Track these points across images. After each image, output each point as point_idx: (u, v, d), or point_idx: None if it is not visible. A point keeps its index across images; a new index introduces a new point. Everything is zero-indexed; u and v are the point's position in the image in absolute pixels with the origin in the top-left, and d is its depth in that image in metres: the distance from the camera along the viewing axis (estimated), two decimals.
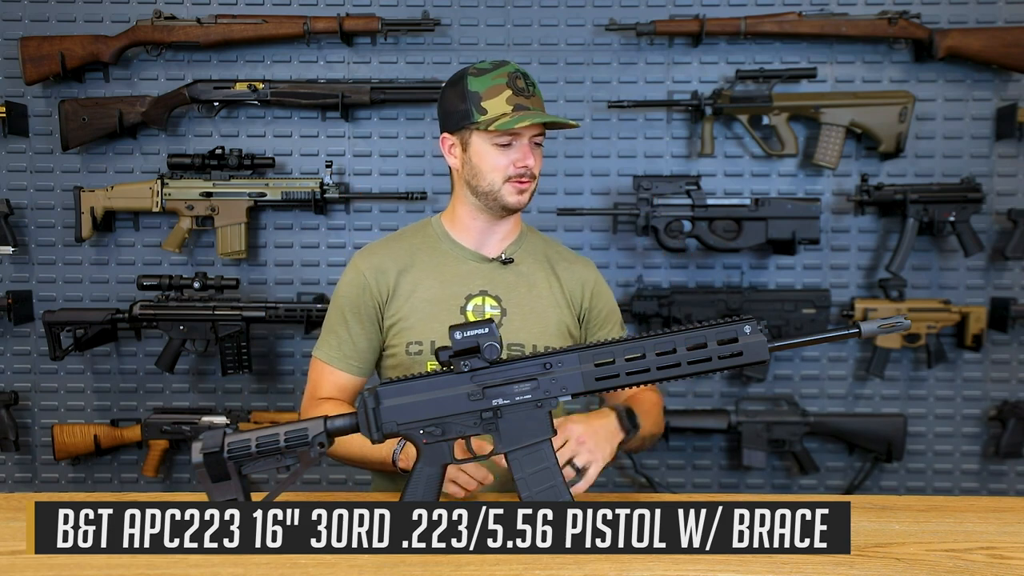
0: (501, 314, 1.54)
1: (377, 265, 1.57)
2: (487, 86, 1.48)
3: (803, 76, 2.40)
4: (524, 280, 1.58)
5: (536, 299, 1.57)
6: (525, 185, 1.50)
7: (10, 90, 2.49)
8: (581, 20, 2.49)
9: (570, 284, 1.62)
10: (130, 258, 2.54)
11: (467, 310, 1.54)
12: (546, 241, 1.68)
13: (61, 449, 2.45)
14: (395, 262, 1.58)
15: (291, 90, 2.42)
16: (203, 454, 1.14)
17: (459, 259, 1.58)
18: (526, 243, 1.63)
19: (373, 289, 1.56)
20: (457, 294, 1.55)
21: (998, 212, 2.49)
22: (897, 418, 2.47)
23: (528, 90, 1.48)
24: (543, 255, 1.63)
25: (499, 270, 1.58)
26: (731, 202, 2.39)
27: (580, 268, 1.65)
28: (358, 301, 1.56)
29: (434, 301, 1.54)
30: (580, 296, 1.62)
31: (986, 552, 1.13)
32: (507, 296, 1.56)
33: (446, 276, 1.56)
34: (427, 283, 1.56)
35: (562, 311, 1.59)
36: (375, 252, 1.61)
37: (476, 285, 1.56)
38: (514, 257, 1.59)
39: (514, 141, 1.48)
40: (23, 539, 1.09)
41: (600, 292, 1.66)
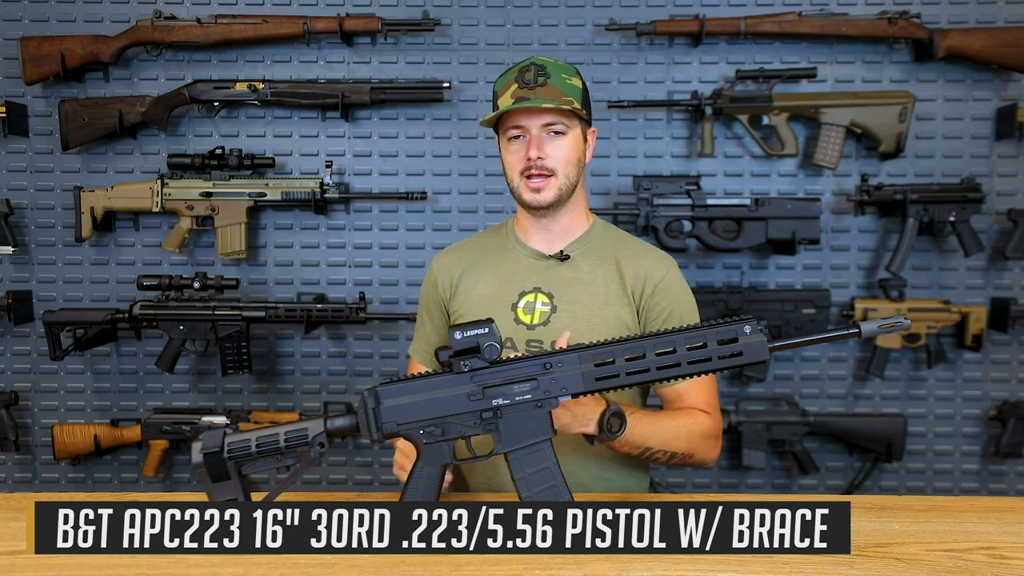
0: (551, 310, 1.53)
1: (446, 264, 1.64)
2: (503, 83, 1.51)
3: (803, 76, 2.40)
4: (581, 277, 1.55)
5: (591, 297, 1.53)
6: (540, 183, 1.47)
7: (10, 90, 2.49)
8: (581, 20, 2.49)
9: (631, 276, 1.54)
10: (130, 258, 2.54)
11: (518, 306, 1.54)
12: (619, 236, 1.63)
13: (61, 449, 2.45)
14: (463, 260, 1.62)
15: (291, 90, 2.42)
16: (203, 454, 1.14)
17: (520, 257, 1.59)
18: (592, 239, 1.59)
19: (440, 286, 1.62)
20: (512, 291, 1.55)
21: (998, 212, 2.49)
22: (897, 418, 2.47)
23: (535, 81, 1.46)
24: (610, 251, 1.58)
25: (555, 267, 1.56)
26: (731, 202, 2.39)
27: (648, 262, 1.56)
28: (429, 298, 1.65)
29: (490, 297, 1.56)
30: (641, 289, 1.54)
31: (986, 552, 1.13)
32: (560, 293, 1.54)
33: (504, 273, 1.58)
34: (487, 280, 1.58)
35: (620, 308, 1.53)
36: (450, 251, 1.67)
37: (531, 282, 1.56)
38: (574, 254, 1.56)
39: (522, 134, 1.48)
40: (23, 539, 1.09)
41: (666, 290, 1.54)
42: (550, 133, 1.48)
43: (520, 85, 1.46)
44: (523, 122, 1.47)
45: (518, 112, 1.47)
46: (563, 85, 1.48)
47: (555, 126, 1.48)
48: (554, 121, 1.47)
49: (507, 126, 1.49)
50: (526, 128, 1.48)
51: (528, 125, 1.47)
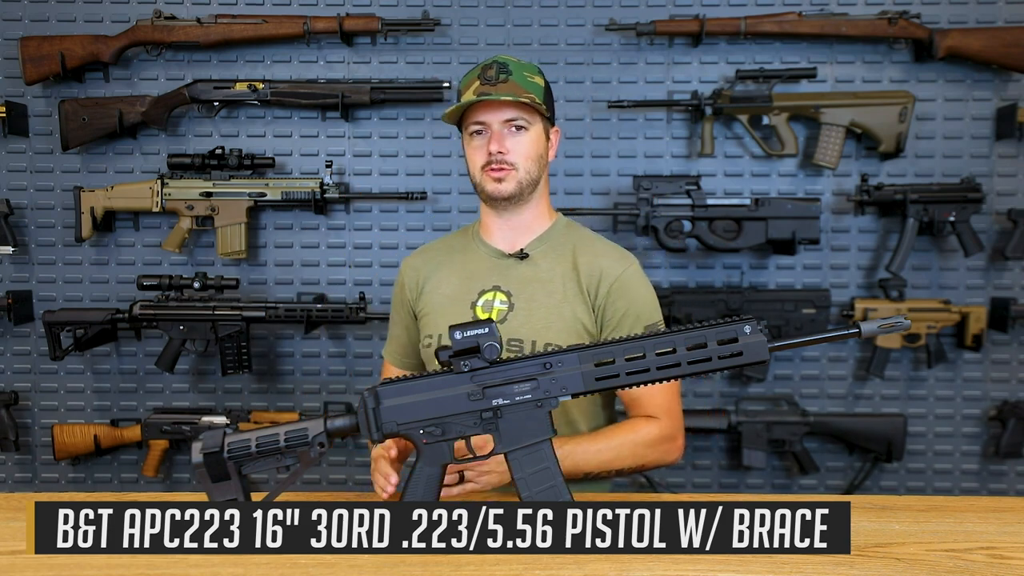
0: (508, 309, 1.55)
1: (414, 265, 1.67)
2: (466, 82, 1.54)
3: (803, 76, 2.40)
4: (540, 276, 1.56)
5: (548, 295, 1.54)
6: (499, 173, 1.50)
7: (10, 90, 2.49)
8: (581, 20, 2.48)
9: (587, 277, 1.55)
10: (130, 258, 2.54)
11: (477, 305, 1.56)
12: (581, 236, 1.62)
13: (61, 449, 2.45)
14: (429, 262, 1.65)
15: (291, 90, 2.42)
16: (203, 454, 1.14)
17: (481, 256, 1.61)
18: (554, 237, 1.60)
19: (407, 288, 1.65)
20: (472, 289, 1.58)
21: (998, 212, 2.49)
22: (897, 418, 2.47)
23: (497, 78, 1.48)
24: (569, 249, 1.58)
25: (514, 266, 1.58)
26: (731, 202, 2.39)
27: (604, 260, 1.56)
28: (398, 299, 1.69)
29: (452, 297, 1.59)
30: (596, 287, 1.54)
31: (986, 552, 1.13)
32: (518, 291, 1.55)
33: (466, 273, 1.60)
34: (450, 280, 1.61)
35: (576, 306, 1.54)
36: (418, 253, 1.70)
37: (491, 280, 1.58)
38: (534, 253, 1.58)
39: (484, 130, 1.51)
40: (23, 539, 1.09)
41: (622, 290, 1.54)
42: (511, 128, 1.50)
43: (482, 82, 1.49)
44: (484, 118, 1.50)
45: (480, 107, 1.49)
46: (525, 83, 1.50)
47: (516, 121, 1.50)
48: (515, 116, 1.50)
49: (469, 122, 1.52)
50: (488, 124, 1.50)
51: (489, 121, 1.50)
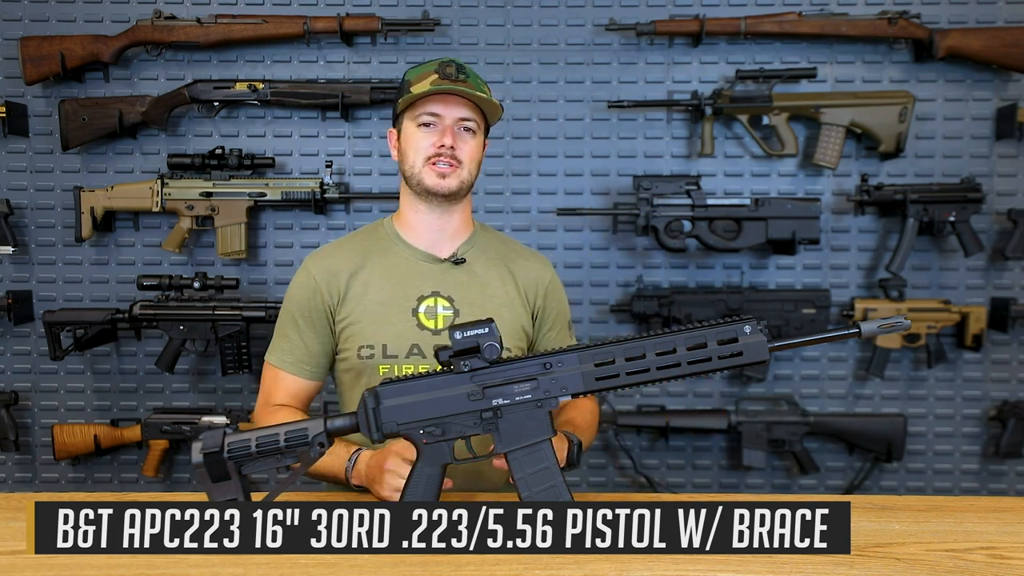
0: (454, 315, 1.53)
1: (328, 267, 1.55)
2: (418, 73, 1.52)
3: (803, 76, 2.40)
4: (477, 280, 1.57)
5: (489, 299, 1.56)
6: (446, 169, 1.49)
7: (10, 90, 2.49)
8: (581, 20, 2.48)
9: (525, 281, 1.60)
10: (130, 258, 2.54)
11: (419, 311, 1.52)
12: (501, 239, 1.67)
13: (61, 449, 2.45)
14: (346, 264, 1.56)
15: (291, 90, 2.42)
16: (203, 454, 1.14)
17: (410, 260, 1.56)
18: (479, 242, 1.61)
19: (324, 292, 1.54)
20: (409, 295, 1.53)
21: (998, 212, 2.49)
22: (897, 418, 2.47)
23: (456, 76, 1.48)
24: (496, 253, 1.62)
25: (451, 270, 1.56)
26: (731, 202, 2.39)
27: (536, 265, 1.64)
28: (309, 305, 1.55)
29: (385, 303, 1.52)
30: (535, 294, 1.61)
31: (986, 552, 1.13)
32: (460, 296, 1.54)
33: (397, 277, 1.55)
34: (378, 285, 1.54)
35: (516, 310, 1.58)
36: (326, 255, 1.59)
37: (428, 286, 1.54)
38: (466, 257, 1.57)
39: (436, 123, 1.49)
40: (23, 539, 1.09)
41: (554, 291, 1.64)
42: (462, 129, 1.50)
43: (441, 76, 1.47)
44: (439, 110, 1.48)
45: (435, 100, 1.48)
46: (480, 88, 1.51)
47: (468, 122, 1.50)
48: (469, 117, 1.50)
49: (420, 111, 1.49)
50: (442, 117, 1.49)
51: (444, 115, 1.49)
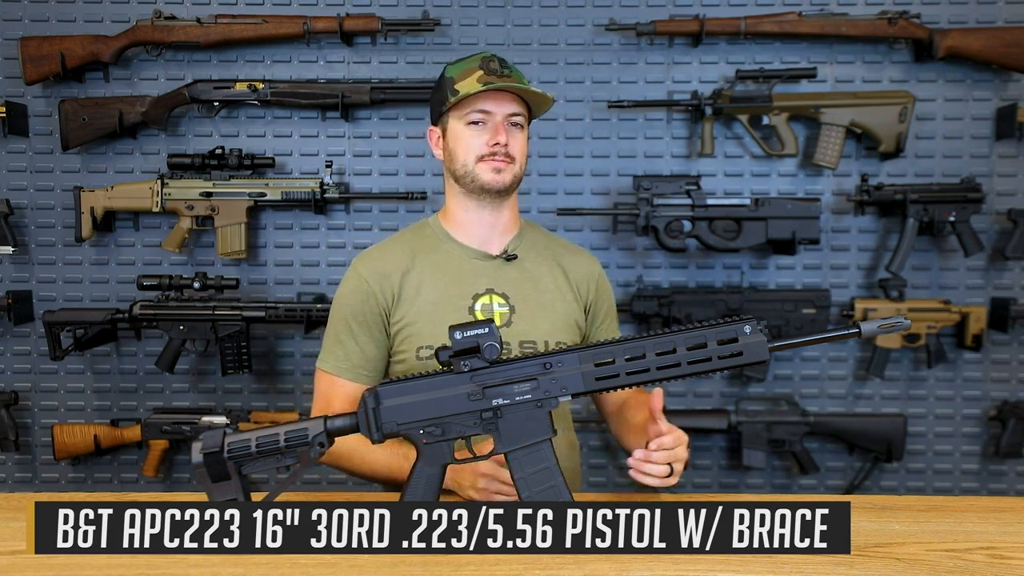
0: (510, 311, 1.52)
1: (379, 269, 1.53)
2: (461, 70, 1.49)
3: (803, 76, 2.40)
4: (529, 276, 1.56)
5: (542, 294, 1.55)
6: (500, 164, 1.47)
7: (10, 90, 2.49)
8: (581, 20, 2.48)
9: (576, 276, 1.60)
10: (130, 258, 2.54)
11: (475, 309, 1.51)
12: (547, 235, 1.67)
13: (61, 449, 2.45)
14: (396, 265, 1.54)
15: (291, 90, 2.41)
16: (203, 454, 1.14)
17: (462, 258, 1.55)
18: (527, 238, 1.61)
19: (377, 295, 1.52)
20: (463, 294, 1.52)
21: (998, 212, 2.49)
22: (897, 418, 2.47)
23: (501, 71, 1.47)
24: (546, 249, 1.61)
25: (503, 267, 1.55)
26: (731, 202, 2.39)
27: (585, 260, 1.65)
28: (363, 308, 1.52)
29: (440, 302, 1.51)
30: (587, 288, 1.61)
31: (986, 552, 1.13)
32: (514, 293, 1.54)
33: (450, 276, 1.53)
34: (431, 284, 1.52)
35: (569, 304, 1.57)
36: (375, 256, 1.57)
37: (482, 284, 1.53)
38: (517, 253, 1.57)
39: (486, 119, 1.48)
40: (23, 539, 1.09)
41: (603, 286, 1.66)
42: (511, 124, 1.49)
43: (487, 72, 1.46)
44: (490, 107, 1.47)
45: (485, 97, 1.47)
46: (522, 81, 1.49)
47: (517, 117, 1.49)
48: (518, 112, 1.49)
49: (469, 109, 1.48)
50: (492, 114, 1.48)
51: (495, 111, 1.47)
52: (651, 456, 1.24)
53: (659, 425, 1.27)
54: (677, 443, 1.27)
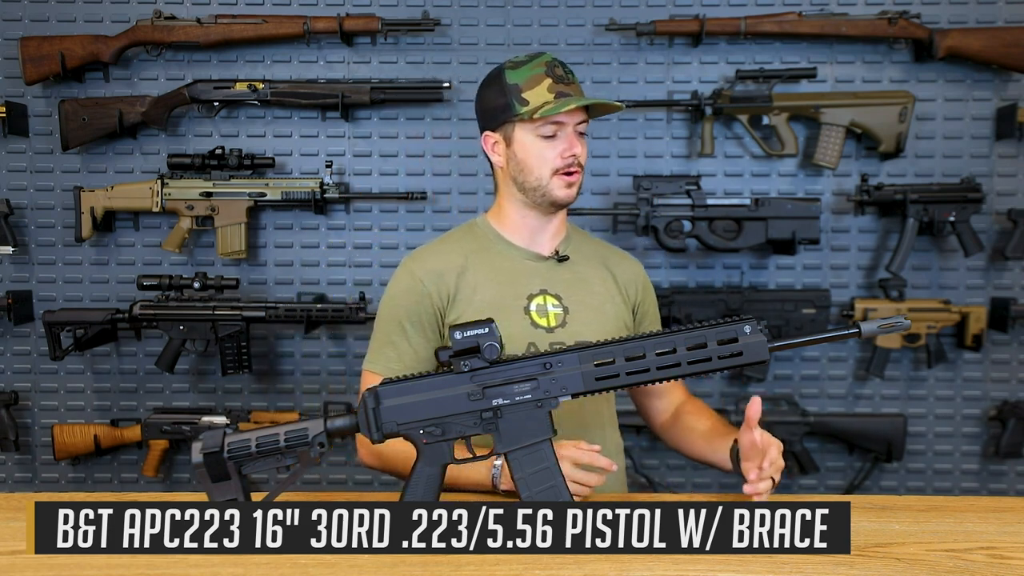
0: (564, 312, 1.51)
1: (433, 269, 1.51)
2: (526, 77, 1.45)
3: (803, 76, 2.40)
4: (580, 277, 1.56)
5: (593, 295, 1.55)
6: (573, 177, 1.47)
7: (10, 90, 2.49)
8: (581, 20, 2.48)
9: (623, 278, 1.61)
10: (130, 258, 2.54)
11: (530, 310, 1.50)
12: (592, 238, 1.68)
13: (61, 449, 2.45)
14: (452, 265, 1.52)
15: (291, 90, 2.41)
16: (203, 454, 1.14)
17: (515, 259, 1.54)
18: (575, 241, 1.61)
19: (433, 295, 1.50)
20: (518, 294, 1.51)
21: (998, 212, 2.49)
22: (897, 418, 2.47)
23: (567, 77, 1.46)
24: (593, 251, 1.62)
25: (556, 268, 1.55)
26: (731, 202, 2.39)
27: (630, 263, 1.66)
28: (417, 309, 1.50)
29: (495, 303, 1.49)
30: (634, 290, 1.62)
31: (986, 552, 1.13)
32: (567, 294, 1.53)
33: (504, 277, 1.52)
34: (486, 285, 1.51)
35: (618, 306, 1.57)
36: (429, 256, 1.55)
37: (536, 284, 1.52)
38: (568, 254, 1.56)
39: (559, 131, 1.46)
40: (23, 539, 1.09)
41: (648, 288, 1.66)
42: (577, 133, 1.48)
43: (555, 80, 1.44)
44: (563, 119, 1.45)
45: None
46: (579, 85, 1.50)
47: (582, 126, 1.48)
48: (585, 120, 1.48)
49: (545, 121, 1.44)
50: (564, 125, 1.45)
51: (567, 122, 1.45)
52: (764, 475, 1.25)
53: (755, 434, 1.26)
54: (779, 452, 1.27)
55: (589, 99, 1.45)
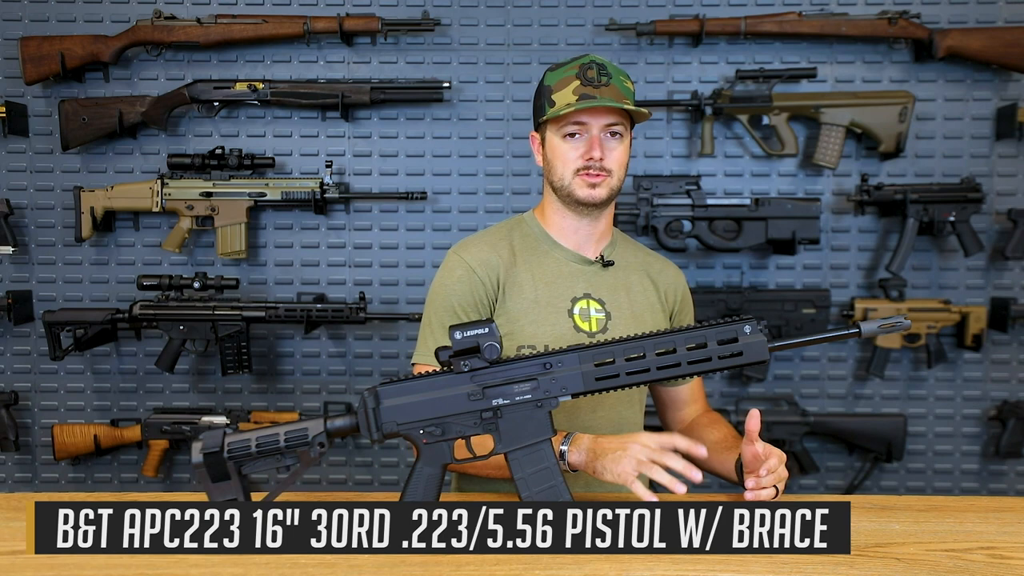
0: (606, 317, 1.51)
1: (484, 260, 1.51)
2: (559, 78, 1.46)
3: (803, 76, 2.40)
4: (623, 283, 1.55)
5: (634, 303, 1.55)
6: (595, 179, 1.45)
7: (10, 90, 2.49)
8: (581, 20, 2.48)
9: (664, 287, 1.60)
10: (130, 258, 2.54)
11: (574, 313, 1.50)
12: (636, 245, 1.67)
13: (61, 449, 2.45)
14: (502, 257, 1.52)
15: (291, 90, 2.41)
16: (203, 454, 1.14)
17: (560, 260, 1.54)
18: (620, 246, 1.60)
19: (486, 283, 1.49)
20: (563, 296, 1.51)
21: (998, 212, 2.49)
22: (897, 418, 2.47)
23: (599, 80, 1.43)
24: (636, 258, 1.61)
25: (600, 272, 1.54)
26: (731, 202, 2.39)
27: (672, 271, 1.64)
28: (472, 297, 1.49)
29: (540, 303, 1.49)
30: (673, 299, 1.61)
31: (986, 552, 1.13)
32: (609, 299, 1.53)
33: (549, 277, 1.52)
34: (531, 283, 1.51)
35: (657, 315, 1.57)
36: (479, 245, 1.54)
37: (580, 288, 1.52)
38: (613, 260, 1.56)
39: (582, 132, 1.45)
40: (23, 539, 1.09)
41: (687, 298, 1.64)
42: (608, 134, 1.46)
43: (583, 82, 1.43)
44: (586, 119, 1.44)
45: (582, 110, 1.43)
46: (622, 87, 1.46)
47: (615, 127, 1.46)
48: (616, 122, 1.45)
49: (566, 122, 1.45)
50: (588, 126, 1.45)
51: (591, 123, 1.44)
52: (762, 482, 1.25)
53: (756, 446, 1.26)
54: (780, 463, 1.27)
55: (602, 102, 1.41)
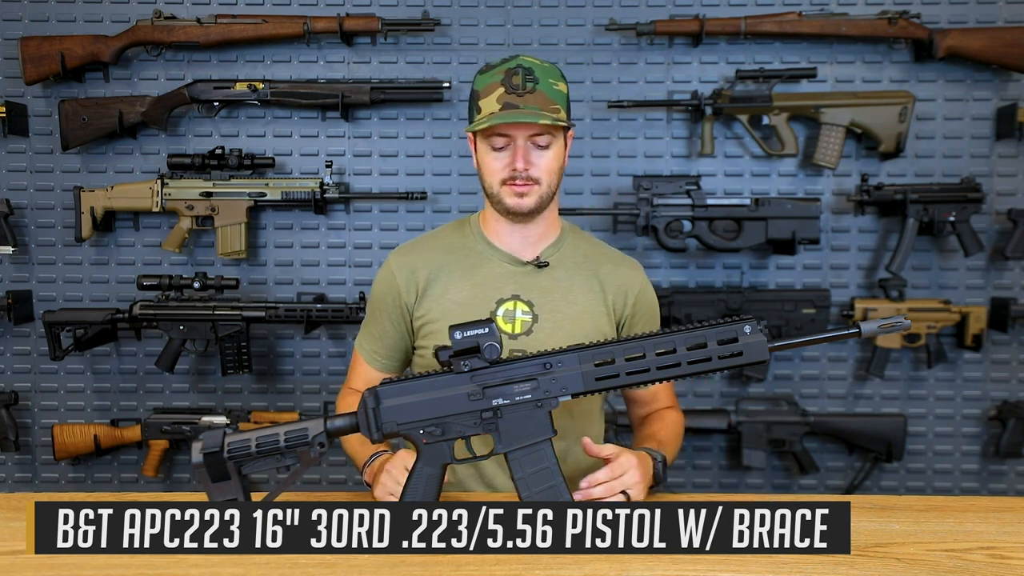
0: (532, 319, 1.48)
1: (408, 264, 1.54)
2: (485, 84, 1.44)
3: (803, 76, 2.40)
4: (559, 285, 1.51)
5: (570, 305, 1.50)
6: (523, 188, 1.43)
7: (10, 90, 2.49)
8: (581, 20, 2.48)
9: (612, 289, 1.53)
10: (130, 258, 2.54)
11: (498, 315, 1.48)
12: (591, 242, 1.62)
13: (61, 449, 2.45)
14: (428, 261, 1.53)
15: (291, 90, 2.41)
16: (203, 454, 1.14)
17: (492, 261, 1.52)
18: (567, 245, 1.56)
19: (401, 289, 1.52)
20: (488, 298, 1.48)
21: (998, 212, 2.49)
22: (897, 418, 2.47)
23: (523, 87, 1.40)
24: (584, 257, 1.56)
25: (533, 274, 1.51)
26: (731, 202, 2.39)
27: (625, 271, 1.57)
28: (386, 299, 1.55)
29: (464, 304, 1.48)
30: (623, 303, 1.54)
31: (986, 552, 1.13)
32: (540, 302, 1.49)
33: (478, 279, 1.50)
34: (459, 285, 1.50)
35: (598, 319, 1.51)
36: (409, 251, 1.57)
37: (508, 289, 1.49)
38: (551, 260, 1.52)
39: (507, 143, 1.42)
40: (23, 539, 1.09)
41: (643, 299, 1.57)
42: (534, 144, 1.43)
43: (508, 90, 1.40)
44: (509, 131, 1.41)
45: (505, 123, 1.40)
46: (551, 92, 1.42)
47: (541, 137, 1.43)
48: (541, 132, 1.42)
49: (490, 133, 1.42)
50: (512, 138, 1.42)
51: (515, 135, 1.41)
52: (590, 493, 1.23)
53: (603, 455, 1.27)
54: (611, 476, 1.24)
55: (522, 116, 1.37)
